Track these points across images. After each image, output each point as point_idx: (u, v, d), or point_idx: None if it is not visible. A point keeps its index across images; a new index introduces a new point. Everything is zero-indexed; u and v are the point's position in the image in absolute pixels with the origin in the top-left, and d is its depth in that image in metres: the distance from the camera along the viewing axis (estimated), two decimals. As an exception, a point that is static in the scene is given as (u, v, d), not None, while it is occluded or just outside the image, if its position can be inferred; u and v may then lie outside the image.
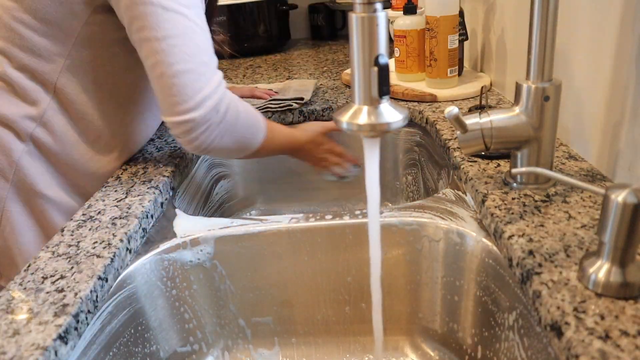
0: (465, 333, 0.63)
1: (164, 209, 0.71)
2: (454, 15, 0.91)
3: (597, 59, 0.60)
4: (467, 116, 0.57)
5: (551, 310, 0.40)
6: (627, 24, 0.54)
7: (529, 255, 0.47)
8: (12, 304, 0.48)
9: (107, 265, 0.53)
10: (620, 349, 0.36)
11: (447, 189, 0.69)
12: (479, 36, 1.06)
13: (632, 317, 0.38)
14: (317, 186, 1.07)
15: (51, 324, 0.45)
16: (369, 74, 0.43)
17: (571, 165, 0.63)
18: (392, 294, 0.67)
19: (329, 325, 0.70)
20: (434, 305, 0.66)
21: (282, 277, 0.68)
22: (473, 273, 0.59)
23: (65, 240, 0.59)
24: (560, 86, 0.55)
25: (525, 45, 0.54)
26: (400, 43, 1.02)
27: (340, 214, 0.66)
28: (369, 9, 0.41)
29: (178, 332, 0.65)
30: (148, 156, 0.82)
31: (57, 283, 0.50)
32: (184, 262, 0.65)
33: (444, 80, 0.95)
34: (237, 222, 0.66)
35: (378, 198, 0.50)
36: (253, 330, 0.70)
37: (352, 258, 0.66)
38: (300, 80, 1.17)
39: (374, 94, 0.43)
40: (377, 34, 0.42)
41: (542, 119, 0.55)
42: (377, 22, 0.41)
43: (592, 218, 0.52)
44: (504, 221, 0.53)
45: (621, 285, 0.40)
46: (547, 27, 0.52)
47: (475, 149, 0.58)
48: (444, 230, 0.62)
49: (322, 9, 1.85)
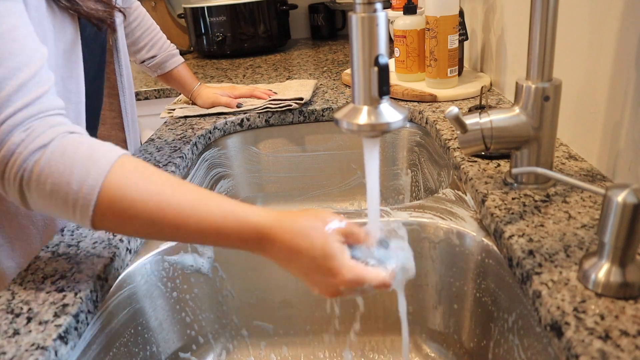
0: (466, 333, 0.63)
1: (164, 209, 0.71)
2: (454, 15, 0.91)
3: (597, 59, 0.60)
4: (467, 116, 0.57)
5: (551, 310, 0.40)
6: (627, 24, 0.54)
7: (529, 255, 0.47)
8: (12, 304, 0.48)
9: (107, 265, 0.53)
10: (620, 349, 0.36)
11: (447, 189, 0.69)
12: (479, 36, 1.06)
13: (632, 317, 0.38)
14: (317, 186, 1.07)
15: (51, 324, 0.45)
16: (369, 74, 0.43)
17: (571, 165, 0.63)
18: (391, 293, 0.67)
19: (329, 324, 0.70)
20: (434, 305, 0.66)
21: (282, 277, 0.68)
22: (473, 273, 0.59)
23: (65, 240, 0.59)
24: (560, 86, 0.55)
25: (525, 45, 0.54)
26: (400, 43, 1.02)
27: (340, 214, 0.66)
28: (369, 9, 0.41)
29: (178, 332, 0.65)
30: (148, 156, 0.82)
31: (57, 283, 0.50)
32: (184, 262, 0.65)
33: (444, 80, 0.95)
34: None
35: (378, 198, 0.50)
36: (253, 330, 0.70)
37: (352, 258, 0.66)
38: (300, 80, 1.17)
39: (374, 94, 0.43)
40: (377, 34, 0.42)
41: (542, 119, 0.55)
42: (377, 22, 0.41)
43: (592, 218, 0.52)
44: (504, 221, 0.53)
45: (621, 285, 0.40)
46: (547, 27, 0.52)
47: (475, 149, 0.58)
48: (444, 230, 0.62)
49: (322, 9, 1.85)
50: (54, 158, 0.45)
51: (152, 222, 0.46)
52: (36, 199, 0.46)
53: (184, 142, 0.87)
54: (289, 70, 1.39)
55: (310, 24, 1.91)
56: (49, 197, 0.45)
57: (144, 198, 0.46)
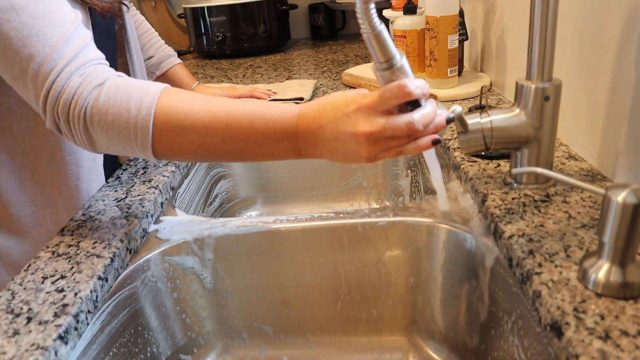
0: (466, 333, 0.63)
1: (164, 209, 0.71)
2: (454, 15, 0.91)
3: (598, 59, 0.60)
4: (468, 116, 0.57)
5: (551, 310, 0.40)
6: (627, 24, 0.54)
7: (529, 255, 0.47)
8: (12, 304, 0.48)
9: (107, 265, 0.53)
10: (620, 349, 0.36)
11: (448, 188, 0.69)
12: (479, 36, 1.06)
13: (632, 317, 0.38)
14: (317, 186, 1.07)
15: (51, 324, 0.45)
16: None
17: (571, 165, 0.63)
18: (392, 293, 0.67)
19: (329, 325, 0.70)
20: (434, 305, 0.66)
21: (282, 277, 0.68)
22: (473, 273, 0.59)
23: (65, 240, 0.59)
24: (560, 86, 0.55)
25: (525, 45, 0.54)
26: (400, 43, 1.02)
27: (340, 214, 0.66)
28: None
29: (178, 333, 0.65)
30: (148, 156, 0.82)
31: (57, 283, 0.50)
32: (184, 262, 0.65)
33: (444, 80, 0.95)
34: (237, 222, 0.66)
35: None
36: (253, 331, 0.70)
37: (352, 258, 0.66)
38: (300, 80, 1.17)
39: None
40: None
41: (542, 119, 0.55)
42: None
43: (592, 218, 0.52)
44: (504, 221, 0.53)
45: (621, 285, 0.40)
46: (547, 27, 0.52)
47: (476, 149, 0.58)
48: (444, 231, 0.62)
49: (322, 9, 1.85)
50: (111, 92, 0.52)
51: (205, 128, 0.51)
52: (99, 133, 0.52)
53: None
54: (289, 70, 1.39)
55: (310, 24, 1.91)
56: (112, 127, 0.52)
57: (195, 108, 0.52)
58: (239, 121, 0.51)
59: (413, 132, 0.47)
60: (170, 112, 0.51)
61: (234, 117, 0.51)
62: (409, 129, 0.46)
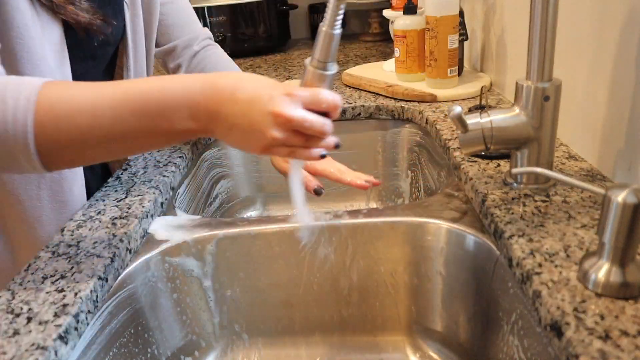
0: (466, 333, 0.63)
1: (164, 209, 0.71)
2: (454, 15, 0.91)
3: (597, 59, 0.60)
4: (468, 116, 0.57)
5: (551, 310, 0.40)
6: (627, 24, 0.54)
7: (529, 255, 0.47)
8: (12, 304, 0.48)
9: (107, 265, 0.53)
10: (620, 349, 0.36)
11: (448, 189, 0.69)
12: (479, 36, 1.06)
13: (632, 317, 0.38)
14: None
15: (51, 324, 0.45)
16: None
17: (571, 165, 0.63)
18: (392, 293, 0.67)
19: (329, 325, 0.70)
20: (434, 305, 0.66)
21: (282, 277, 0.68)
22: (473, 273, 0.59)
23: (65, 240, 0.59)
24: (560, 86, 0.55)
25: (525, 45, 0.54)
26: (400, 43, 1.02)
27: (341, 215, 0.66)
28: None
29: (178, 333, 0.65)
30: (148, 156, 0.82)
31: (57, 283, 0.50)
32: (184, 262, 0.65)
33: (444, 80, 0.95)
34: (236, 222, 0.66)
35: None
36: (253, 331, 0.70)
37: (353, 258, 0.66)
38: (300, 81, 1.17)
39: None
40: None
41: (542, 118, 0.55)
42: None
43: (592, 218, 0.52)
44: (504, 221, 0.53)
45: (621, 285, 0.40)
46: (547, 27, 0.52)
47: (476, 149, 0.58)
48: (444, 230, 0.62)
49: (322, 9, 1.84)
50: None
51: (93, 107, 0.45)
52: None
53: (184, 141, 0.87)
54: (289, 70, 1.39)
55: (310, 24, 1.91)
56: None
57: (82, 91, 0.46)
58: (131, 95, 0.46)
59: (323, 135, 0.48)
60: (54, 98, 0.45)
61: (125, 90, 0.46)
62: (322, 131, 0.47)
